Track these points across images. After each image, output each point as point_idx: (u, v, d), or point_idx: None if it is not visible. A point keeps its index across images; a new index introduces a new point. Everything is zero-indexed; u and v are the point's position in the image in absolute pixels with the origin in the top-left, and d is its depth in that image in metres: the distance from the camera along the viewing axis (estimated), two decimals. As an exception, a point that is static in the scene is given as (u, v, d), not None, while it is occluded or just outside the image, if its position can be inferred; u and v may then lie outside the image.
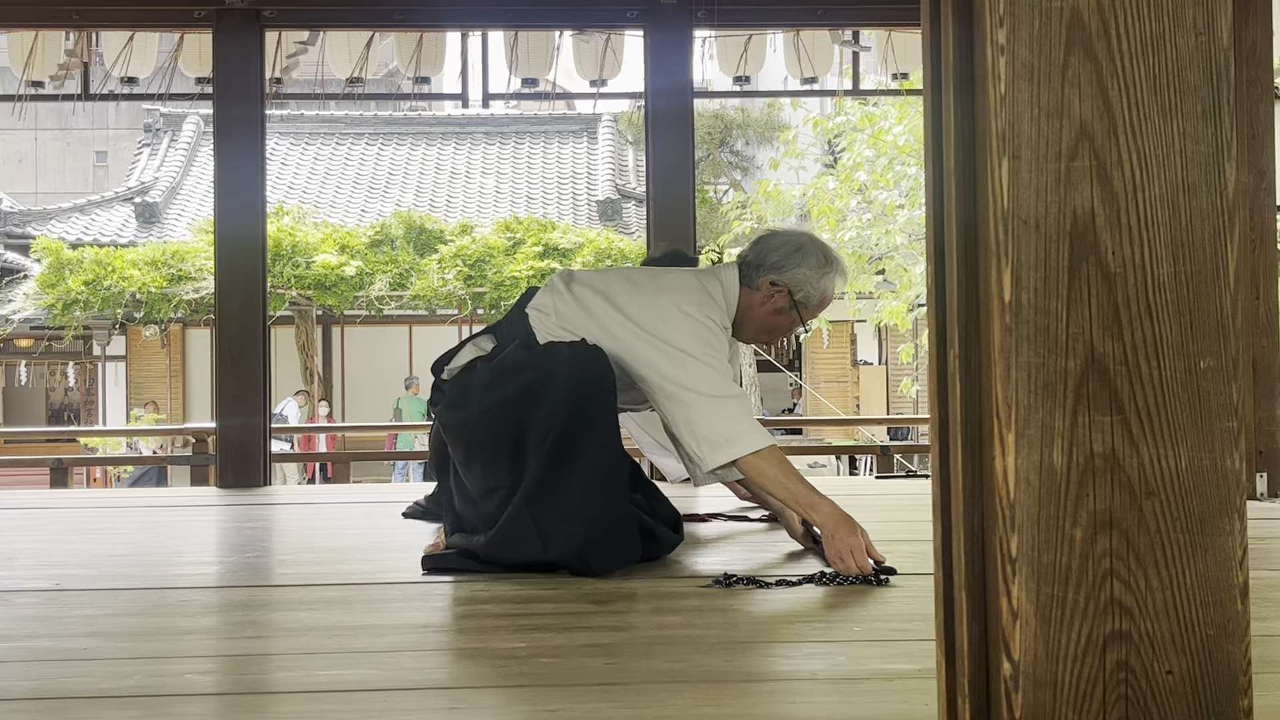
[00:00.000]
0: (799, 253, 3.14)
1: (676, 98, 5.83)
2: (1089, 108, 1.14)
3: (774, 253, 3.14)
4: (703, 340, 2.94)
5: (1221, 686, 1.13)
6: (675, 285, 3.06)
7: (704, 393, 2.86)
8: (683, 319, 2.95)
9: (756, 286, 3.13)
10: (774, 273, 3.12)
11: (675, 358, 2.90)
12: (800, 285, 3.12)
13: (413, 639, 2.27)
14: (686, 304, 2.99)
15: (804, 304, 3.15)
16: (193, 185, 21.52)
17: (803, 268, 3.12)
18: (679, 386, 2.87)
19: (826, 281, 3.16)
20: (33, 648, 2.19)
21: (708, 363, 2.90)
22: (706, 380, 2.88)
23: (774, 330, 3.21)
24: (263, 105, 5.77)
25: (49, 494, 6.65)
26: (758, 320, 3.16)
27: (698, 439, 2.86)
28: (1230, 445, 1.13)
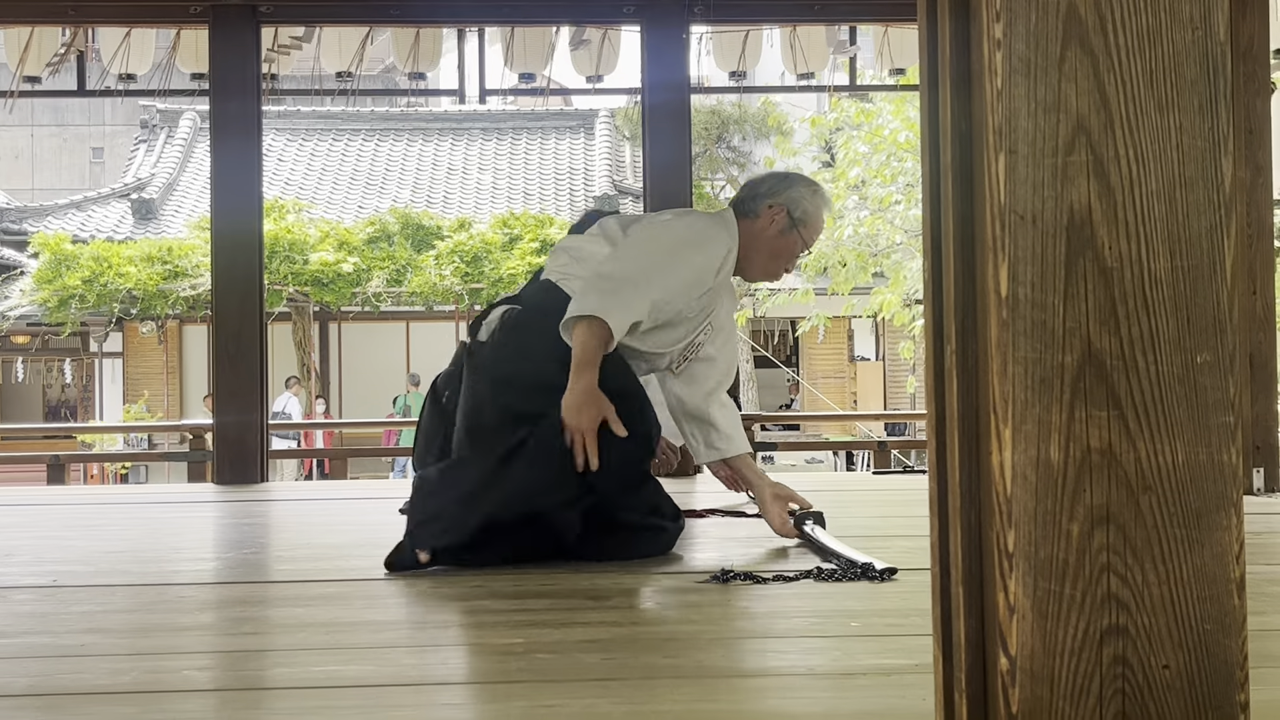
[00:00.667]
0: (787, 179, 3.37)
1: (673, 93, 5.83)
2: (1085, 102, 1.13)
3: (764, 184, 3.34)
4: (692, 251, 3.14)
5: (1218, 681, 1.13)
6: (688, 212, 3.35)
7: (613, 274, 3.01)
8: (697, 233, 3.19)
9: (756, 214, 3.28)
10: (770, 198, 3.28)
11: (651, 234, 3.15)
12: (797, 202, 3.28)
13: (409, 635, 2.27)
14: (706, 223, 3.23)
15: (803, 221, 3.29)
16: (189, 181, 21.49)
17: (795, 188, 3.31)
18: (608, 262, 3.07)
19: (819, 199, 3.34)
20: (30, 644, 2.19)
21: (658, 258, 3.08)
22: (631, 264, 3.04)
23: (780, 255, 3.31)
24: (259, 101, 5.77)
25: (46, 490, 6.65)
26: (765, 247, 3.29)
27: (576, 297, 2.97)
28: (1227, 440, 1.13)
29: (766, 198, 3.28)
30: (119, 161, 26.13)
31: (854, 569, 2.73)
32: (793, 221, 3.26)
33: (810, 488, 5.09)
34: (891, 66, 6.44)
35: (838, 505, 3.95)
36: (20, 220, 20.34)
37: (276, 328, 16.05)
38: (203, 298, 16.44)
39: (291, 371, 18.27)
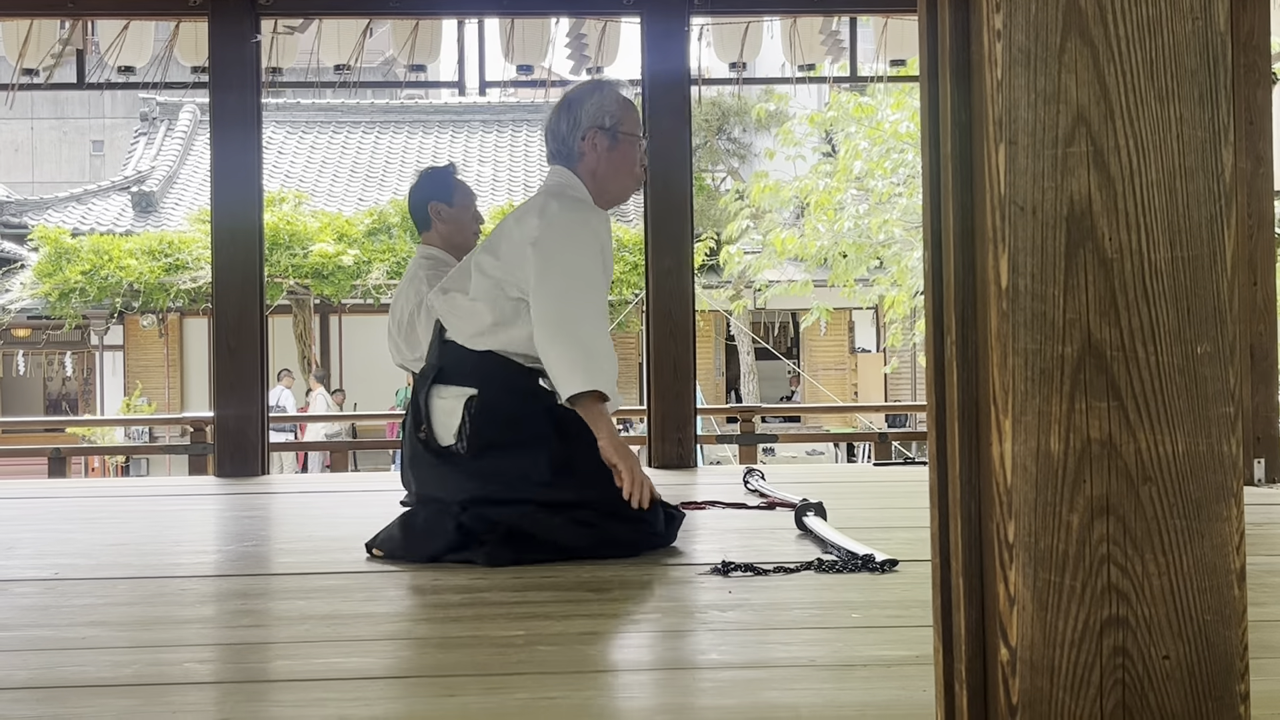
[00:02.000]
0: (572, 104, 3.20)
1: (674, 85, 5.83)
2: (1086, 93, 1.13)
3: (560, 127, 3.20)
4: (584, 259, 3.00)
5: (1218, 671, 1.13)
6: (538, 207, 3.10)
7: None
8: (578, 231, 3.02)
9: (581, 153, 3.17)
10: (578, 130, 3.17)
11: (563, 285, 2.98)
12: (599, 114, 3.17)
13: (410, 627, 2.28)
14: (572, 210, 3.06)
15: (618, 122, 3.19)
16: (189, 174, 21.48)
17: (586, 105, 3.18)
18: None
19: (609, 94, 3.22)
20: (32, 637, 2.19)
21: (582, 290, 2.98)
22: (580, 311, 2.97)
23: (623, 167, 3.20)
24: (259, 94, 5.76)
25: (47, 483, 6.66)
26: (609, 172, 3.19)
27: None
28: (1227, 431, 1.13)
29: (575, 133, 3.16)
30: (119, 154, 26.11)
31: (855, 560, 2.73)
32: (610, 131, 3.16)
33: (811, 479, 5.09)
34: (891, 57, 6.43)
35: (838, 497, 3.96)
36: (20, 213, 20.33)
37: (277, 320, 16.07)
38: (203, 290, 16.44)
39: (291, 363, 18.26)
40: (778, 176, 16.00)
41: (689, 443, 5.82)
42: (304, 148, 23.01)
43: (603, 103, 3.18)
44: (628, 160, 3.21)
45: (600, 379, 2.92)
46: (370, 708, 1.66)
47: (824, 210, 15.25)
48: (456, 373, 3.04)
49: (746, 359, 20.72)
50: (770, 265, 16.94)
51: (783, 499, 3.89)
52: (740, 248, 17.03)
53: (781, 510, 3.75)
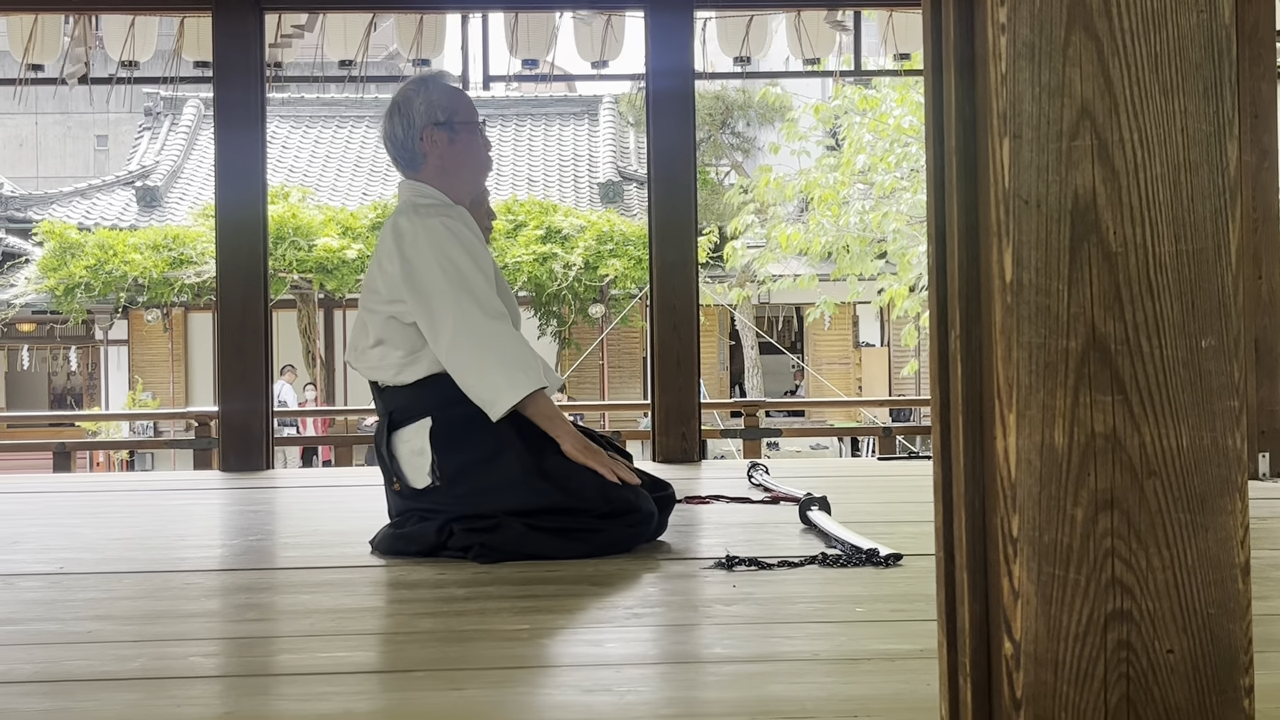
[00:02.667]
0: (401, 108, 3.12)
1: (677, 79, 5.82)
2: (1090, 86, 1.13)
3: (396, 130, 3.12)
4: (446, 261, 2.92)
5: (1222, 665, 1.13)
6: (391, 227, 3.04)
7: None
8: (429, 241, 2.94)
9: (424, 155, 3.11)
10: (411, 133, 3.10)
11: (436, 302, 2.91)
12: (430, 111, 3.10)
13: (414, 621, 2.28)
14: (421, 221, 2.97)
15: (451, 113, 3.11)
16: (194, 169, 21.50)
17: (415, 104, 3.10)
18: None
19: (434, 88, 3.13)
20: (37, 631, 2.20)
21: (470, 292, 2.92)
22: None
23: (468, 159, 3.14)
24: (263, 89, 5.76)
25: (52, 478, 6.67)
26: (455, 168, 3.12)
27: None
28: (1231, 424, 1.13)
29: (412, 137, 3.09)
30: (123, 149, 26.15)
31: (859, 554, 2.74)
32: (447, 124, 3.09)
33: (815, 474, 5.09)
34: (896, 51, 6.43)
35: (843, 491, 3.96)
36: (25, 208, 20.36)
37: (281, 315, 16.07)
38: (207, 285, 16.45)
39: (295, 357, 18.28)
40: (782, 170, 16.00)
41: (693, 437, 5.82)
42: (308, 142, 23.02)
43: (431, 98, 3.10)
44: (471, 149, 3.14)
45: (521, 382, 2.88)
46: (374, 701, 1.66)
47: (828, 205, 15.24)
48: (405, 413, 3.01)
49: (750, 353, 20.72)
50: (774, 260, 16.94)
51: (787, 493, 3.89)
52: (744, 242, 17.03)
53: (785, 504, 3.75)
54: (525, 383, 2.89)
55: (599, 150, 22.61)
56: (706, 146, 21.91)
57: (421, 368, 2.99)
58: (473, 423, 2.93)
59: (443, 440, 2.94)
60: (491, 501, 2.87)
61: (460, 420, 2.94)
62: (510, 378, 2.88)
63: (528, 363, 2.93)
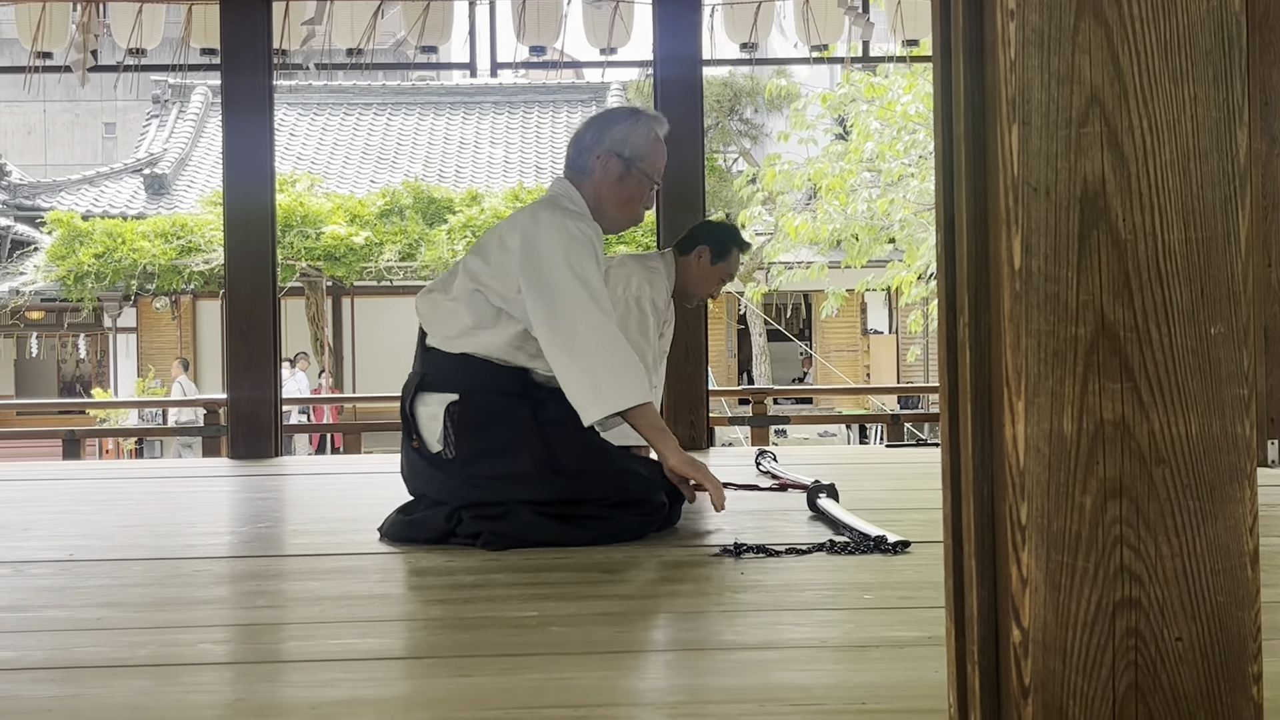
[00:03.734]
0: (604, 120, 3.16)
1: (685, 66, 5.81)
2: (1099, 73, 1.13)
3: (584, 138, 3.16)
4: (576, 265, 2.93)
5: (1231, 653, 1.13)
6: (530, 214, 3.05)
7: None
8: (562, 241, 2.94)
9: (591, 170, 3.13)
10: (596, 148, 3.12)
11: (554, 300, 2.91)
12: (622, 141, 3.12)
13: (424, 608, 2.28)
14: (558, 221, 2.98)
15: (637, 157, 3.13)
16: (201, 156, 21.51)
17: (615, 127, 3.13)
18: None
19: (643, 127, 3.15)
20: (47, 617, 2.21)
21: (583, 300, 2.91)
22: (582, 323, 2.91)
23: (629, 200, 3.16)
24: (270, 76, 5.76)
25: (62, 465, 6.69)
26: (609, 197, 3.14)
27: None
28: (1241, 412, 1.13)
29: (593, 149, 3.12)
30: (131, 137, 26.16)
31: (867, 542, 2.74)
32: (626, 162, 3.11)
33: (823, 461, 5.10)
34: (905, 38, 6.41)
35: (851, 479, 3.96)
36: (33, 196, 20.38)
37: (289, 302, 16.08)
38: (216, 273, 16.47)
39: (305, 346, 18.30)
40: (790, 158, 15.96)
41: (701, 425, 5.82)
42: (315, 129, 23.02)
43: (631, 132, 3.13)
44: (632, 195, 3.16)
45: (632, 390, 2.86)
46: (384, 688, 1.66)
47: (836, 193, 15.21)
48: (438, 379, 3.02)
49: (758, 341, 20.71)
50: (783, 248, 16.93)
51: (795, 480, 3.89)
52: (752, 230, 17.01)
53: (794, 492, 3.76)
54: (636, 392, 2.88)
55: (607, 137, 22.54)
56: (714, 133, 21.86)
57: (475, 344, 3.00)
58: (492, 412, 2.95)
59: (463, 420, 2.96)
60: (503, 491, 2.88)
61: (482, 406, 2.96)
62: (619, 383, 2.87)
63: (639, 372, 2.93)
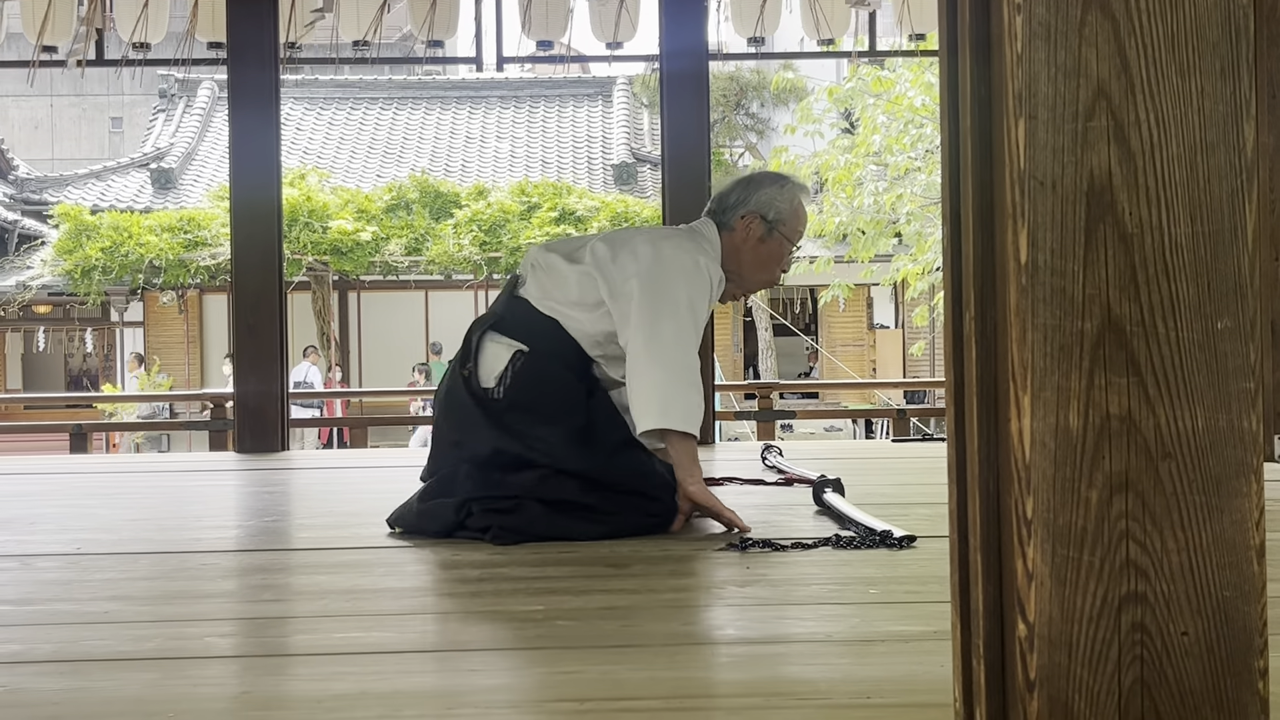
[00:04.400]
0: (752, 183, 3.25)
1: (692, 60, 5.80)
2: (1106, 67, 1.12)
3: (731, 194, 3.23)
4: (692, 293, 3.00)
5: (1237, 648, 1.13)
6: (673, 234, 3.17)
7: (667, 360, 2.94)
8: (688, 269, 3.03)
9: (732, 228, 3.19)
10: (741, 208, 3.20)
11: (663, 315, 2.95)
12: (768, 205, 3.19)
13: (430, 602, 2.29)
14: (690, 251, 3.07)
15: (780, 221, 3.20)
16: (208, 150, 21.53)
17: (763, 190, 3.20)
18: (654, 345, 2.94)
19: (789, 193, 3.24)
20: (54, 611, 2.21)
21: (685, 324, 2.97)
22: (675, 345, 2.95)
23: (768, 262, 3.23)
24: (277, 70, 5.76)
25: (69, 459, 6.70)
26: (749, 258, 3.21)
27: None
28: (1247, 406, 1.13)
29: (737, 209, 3.19)
30: (138, 131, 26.18)
31: (872, 536, 2.74)
32: (769, 225, 3.18)
33: (829, 455, 5.09)
34: (911, 31, 6.40)
35: (856, 473, 3.96)
36: (41, 190, 20.42)
37: (296, 297, 16.10)
38: (222, 267, 16.48)
39: (311, 340, 18.32)
40: (796, 151, 15.95)
41: (707, 419, 5.82)
42: (322, 124, 23.03)
43: (778, 198, 3.20)
44: (771, 260, 3.23)
45: (676, 418, 2.90)
46: (390, 681, 1.67)
47: (842, 186, 15.20)
48: (516, 326, 3.07)
49: (764, 335, 20.70)
50: (788, 241, 16.89)
51: (801, 475, 3.89)
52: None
53: (799, 486, 3.75)
54: (694, 423, 2.93)
55: (613, 132, 22.57)
56: (721, 127, 21.85)
57: (566, 316, 3.04)
58: (553, 377, 2.99)
59: (525, 372, 2.99)
60: (529, 448, 2.91)
61: (547, 368, 3.00)
62: (687, 408, 2.91)
63: (701, 408, 2.98)
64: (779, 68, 20.53)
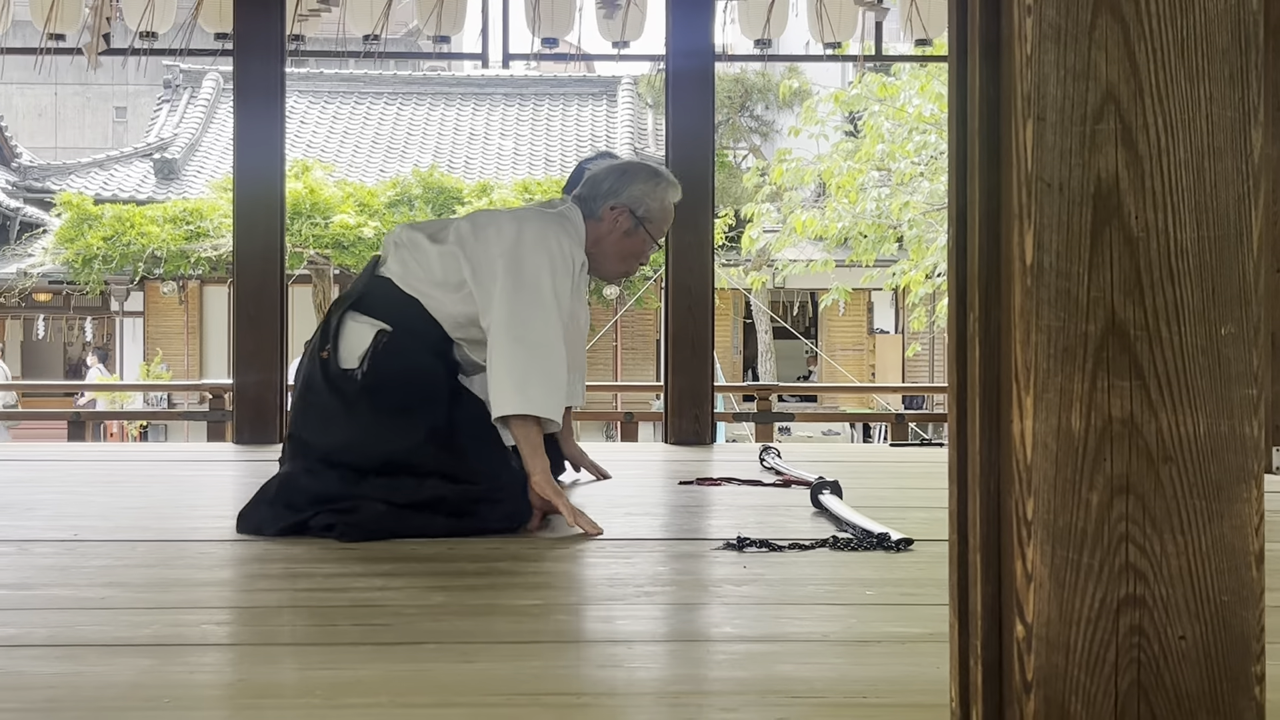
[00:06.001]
0: (626, 174, 3.25)
1: (697, 60, 5.80)
2: (1115, 70, 1.13)
3: (604, 182, 3.24)
4: (555, 276, 2.99)
5: (1234, 652, 1.13)
6: (538, 216, 3.12)
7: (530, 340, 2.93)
8: (551, 251, 3.00)
9: (599, 217, 3.21)
10: (611, 198, 3.21)
11: (525, 296, 2.94)
12: (639, 201, 3.22)
13: (427, 595, 2.28)
14: (555, 233, 3.05)
15: (648, 219, 3.24)
16: (212, 142, 21.53)
17: (635, 184, 3.22)
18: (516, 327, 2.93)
19: (661, 192, 3.26)
20: (51, 596, 2.21)
21: (548, 305, 2.96)
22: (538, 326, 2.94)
23: (629, 255, 3.27)
24: (282, 62, 5.76)
25: (67, 447, 6.70)
26: (610, 249, 3.24)
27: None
28: (1249, 412, 1.13)
29: (608, 199, 3.21)
30: (142, 121, 26.18)
31: (870, 539, 2.74)
32: (637, 221, 3.22)
33: (828, 459, 5.09)
34: (918, 37, 6.40)
35: (855, 476, 3.96)
36: (44, 178, 20.41)
37: (297, 290, 16.08)
38: (224, 259, 16.48)
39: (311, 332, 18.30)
40: (800, 154, 15.96)
41: (706, 419, 5.82)
42: (326, 118, 23.02)
43: (649, 196, 3.23)
44: (631, 252, 3.27)
45: (535, 403, 2.89)
46: (387, 672, 1.67)
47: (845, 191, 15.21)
48: (378, 305, 3.03)
49: (764, 338, 20.70)
50: (790, 244, 16.92)
51: (799, 477, 3.89)
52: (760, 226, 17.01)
53: (797, 488, 3.76)
54: (555, 409, 2.91)
55: (617, 131, 22.57)
56: (725, 129, 21.86)
57: (428, 297, 3.02)
58: (418, 365, 2.95)
59: (386, 353, 2.94)
60: (382, 440, 2.87)
61: (410, 350, 2.95)
62: (547, 394, 2.90)
63: (564, 395, 2.97)
64: (784, 71, 20.53)
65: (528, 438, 2.92)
